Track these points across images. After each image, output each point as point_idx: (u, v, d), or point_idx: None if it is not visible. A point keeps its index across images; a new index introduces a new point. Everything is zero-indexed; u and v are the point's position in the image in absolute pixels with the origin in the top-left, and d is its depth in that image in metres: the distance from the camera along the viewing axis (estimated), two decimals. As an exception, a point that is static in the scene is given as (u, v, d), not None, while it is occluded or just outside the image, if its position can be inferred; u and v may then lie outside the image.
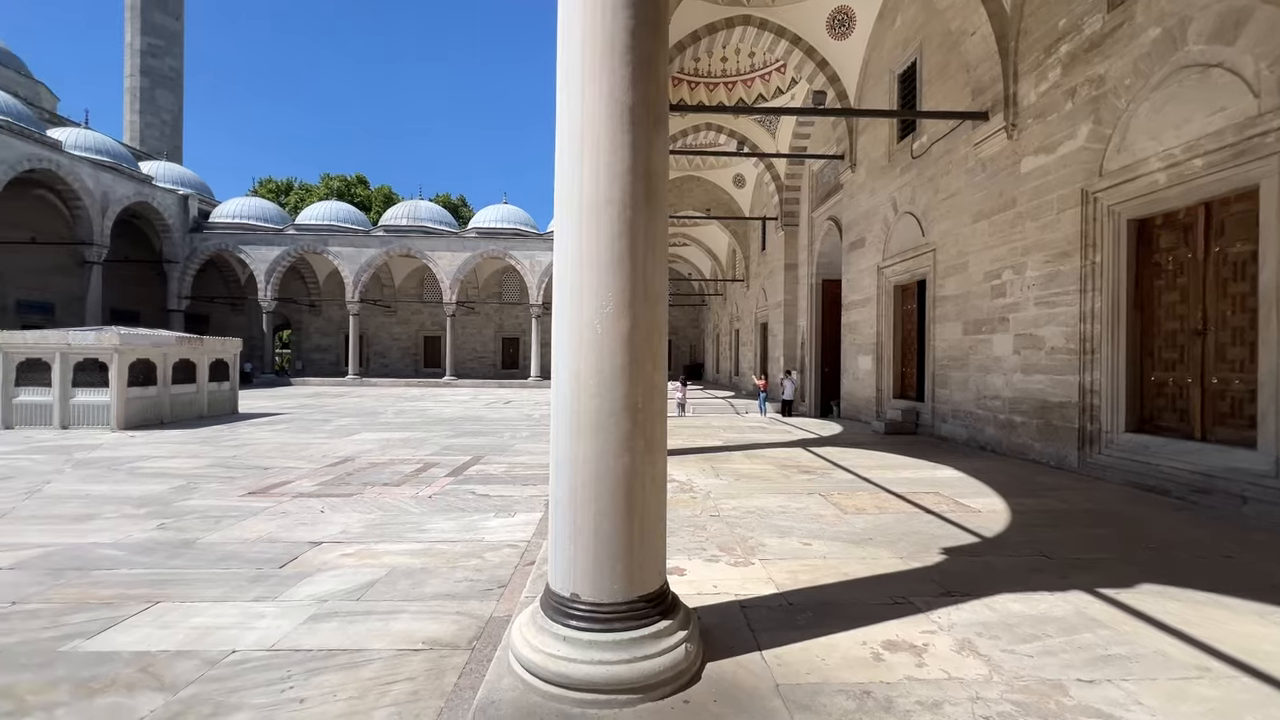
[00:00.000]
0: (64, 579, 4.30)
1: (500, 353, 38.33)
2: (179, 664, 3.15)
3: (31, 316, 26.18)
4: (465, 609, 3.87)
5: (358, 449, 10.32)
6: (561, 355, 2.45)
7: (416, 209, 35.45)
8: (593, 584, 2.36)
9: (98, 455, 9.52)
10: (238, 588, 4.18)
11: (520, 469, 8.63)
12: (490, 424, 14.34)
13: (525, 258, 31.97)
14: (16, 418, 12.70)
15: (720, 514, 5.29)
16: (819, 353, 16.76)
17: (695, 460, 8.07)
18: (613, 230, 2.36)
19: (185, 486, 7.31)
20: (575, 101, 2.40)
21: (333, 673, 3.09)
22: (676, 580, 3.64)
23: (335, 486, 7.37)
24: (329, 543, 5.18)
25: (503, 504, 6.59)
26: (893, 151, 12.41)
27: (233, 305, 35.60)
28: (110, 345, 12.77)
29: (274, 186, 50.49)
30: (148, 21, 44.87)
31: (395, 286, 37.29)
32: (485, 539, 5.33)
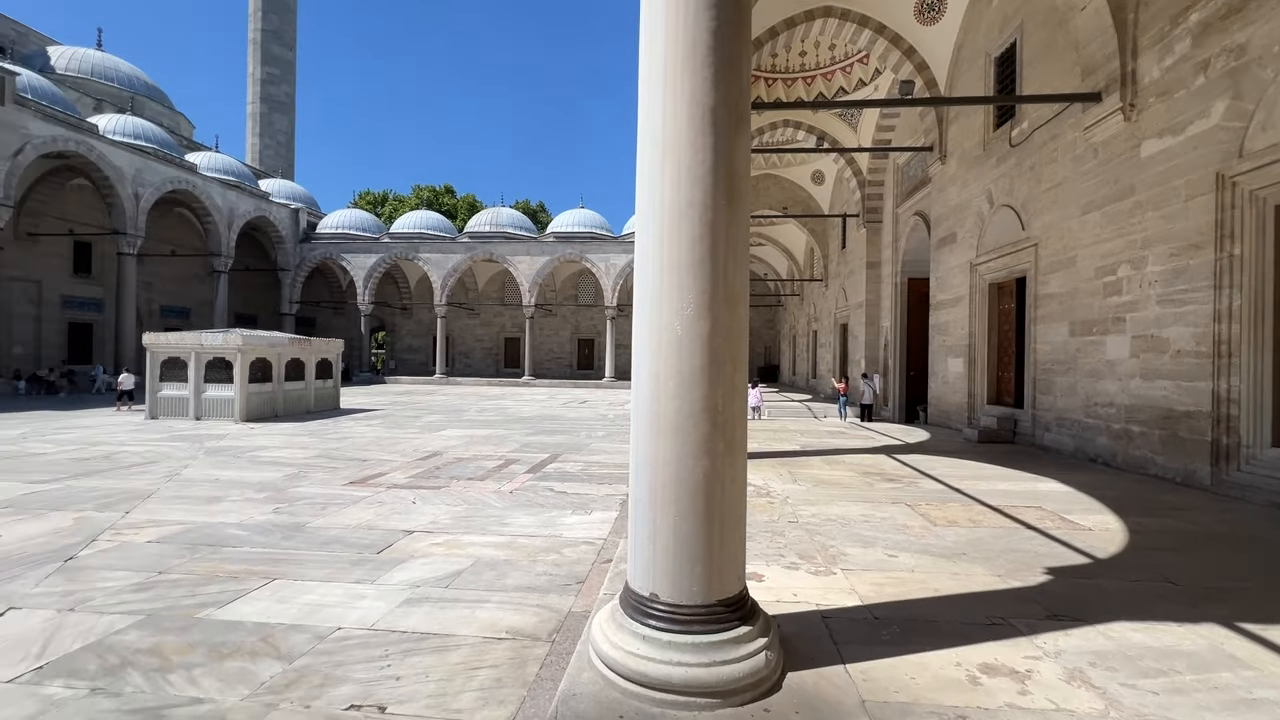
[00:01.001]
0: (199, 554, 4.83)
1: (576, 353, 39.24)
2: (293, 636, 3.46)
3: (171, 320, 29.68)
4: (545, 602, 3.99)
5: (444, 444, 10.90)
6: (641, 357, 2.47)
7: (498, 216, 36.99)
8: (671, 585, 2.36)
9: (224, 444, 10.62)
10: (341, 570, 4.53)
11: (596, 468, 8.80)
12: (567, 423, 14.71)
13: (601, 260, 32.56)
14: (160, 409, 14.41)
15: (799, 520, 5.15)
16: (904, 355, 15.94)
17: (771, 465, 7.90)
18: (694, 233, 2.36)
19: (296, 474, 8.01)
20: (656, 105, 2.43)
21: (424, 655, 3.28)
22: (754, 586, 3.58)
23: (425, 479, 7.82)
24: (420, 532, 5.50)
25: (579, 502, 6.74)
26: (988, 141, 11.61)
27: (335, 309, 38.65)
28: (235, 346, 14.22)
29: (371, 198, 54.35)
30: (267, 53, 49.63)
31: (478, 290, 39.08)
32: (563, 535, 5.47)
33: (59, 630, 3.45)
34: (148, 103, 34.21)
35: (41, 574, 4.32)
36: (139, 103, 33.40)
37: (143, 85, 34.94)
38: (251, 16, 49.93)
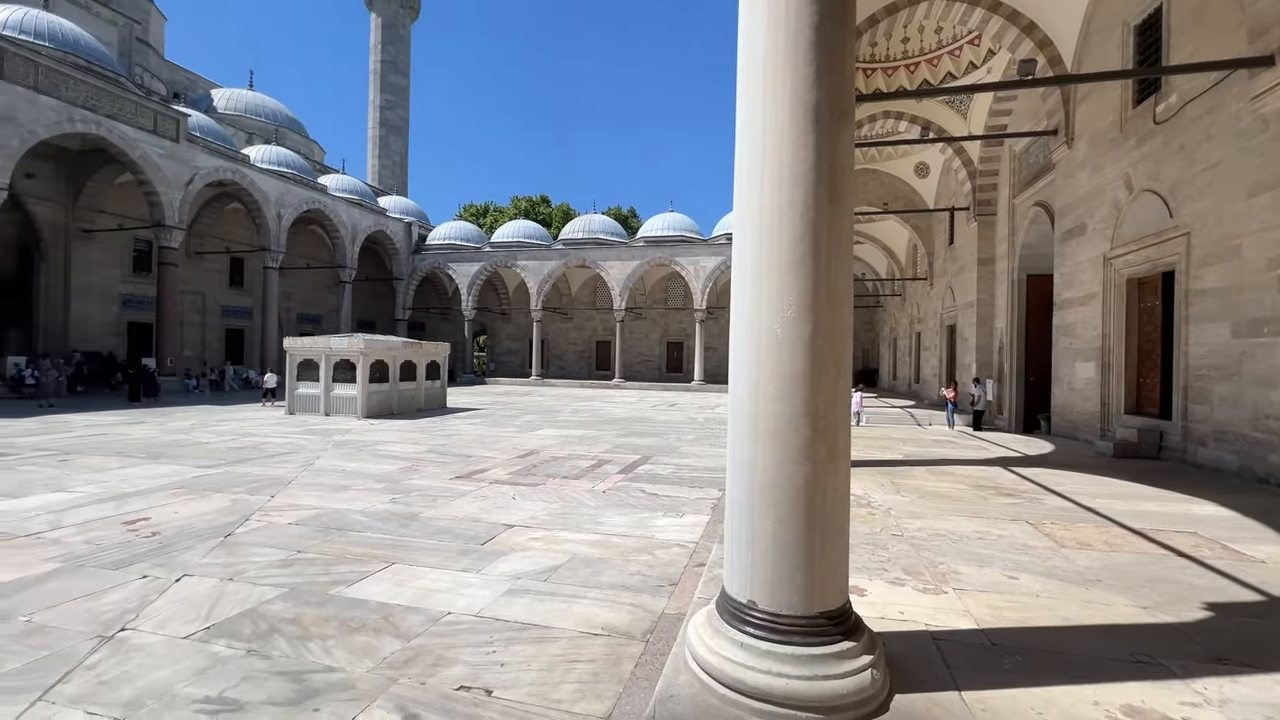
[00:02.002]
0: (330, 536, 5.36)
1: (665, 356, 39.46)
2: (410, 617, 3.74)
3: (306, 326, 33.23)
4: (639, 602, 4.04)
5: (541, 443, 11.35)
6: (739, 359, 2.45)
7: (591, 223, 38.06)
8: (770, 593, 2.31)
9: (349, 438, 11.70)
10: (450, 558, 4.85)
11: (687, 471, 8.79)
12: (657, 426, 14.82)
13: (690, 263, 32.55)
14: (297, 405, 16.16)
15: (904, 534, 4.86)
16: (1021, 359, 14.57)
17: (872, 474, 7.51)
18: (794, 233, 2.30)
19: (409, 468, 8.67)
20: (756, 103, 2.40)
21: (526, 644, 3.43)
22: (856, 601, 3.42)
23: (524, 476, 8.19)
24: (520, 526, 5.77)
25: (671, 504, 6.77)
26: (1126, 120, 10.37)
27: (442, 314, 41.48)
28: (358, 349, 15.66)
29: (474, 210, 57.83)
30: (385, 81, 54.34)
31: (572, 295, 40.40)
32: (655, 536, 5.52)
33: (221, 597, 3.96)
34: (288, 133, 38.56)
35: (207, 546, 4.98)
36: (281, 133, 37.72)
37: (284, 118, 39.43)
38: (373, 50, 54.89)
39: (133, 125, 21.20)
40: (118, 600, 3.87)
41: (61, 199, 23.34)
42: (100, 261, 24.68)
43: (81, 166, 23.32)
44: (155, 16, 35.43)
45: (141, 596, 3.93)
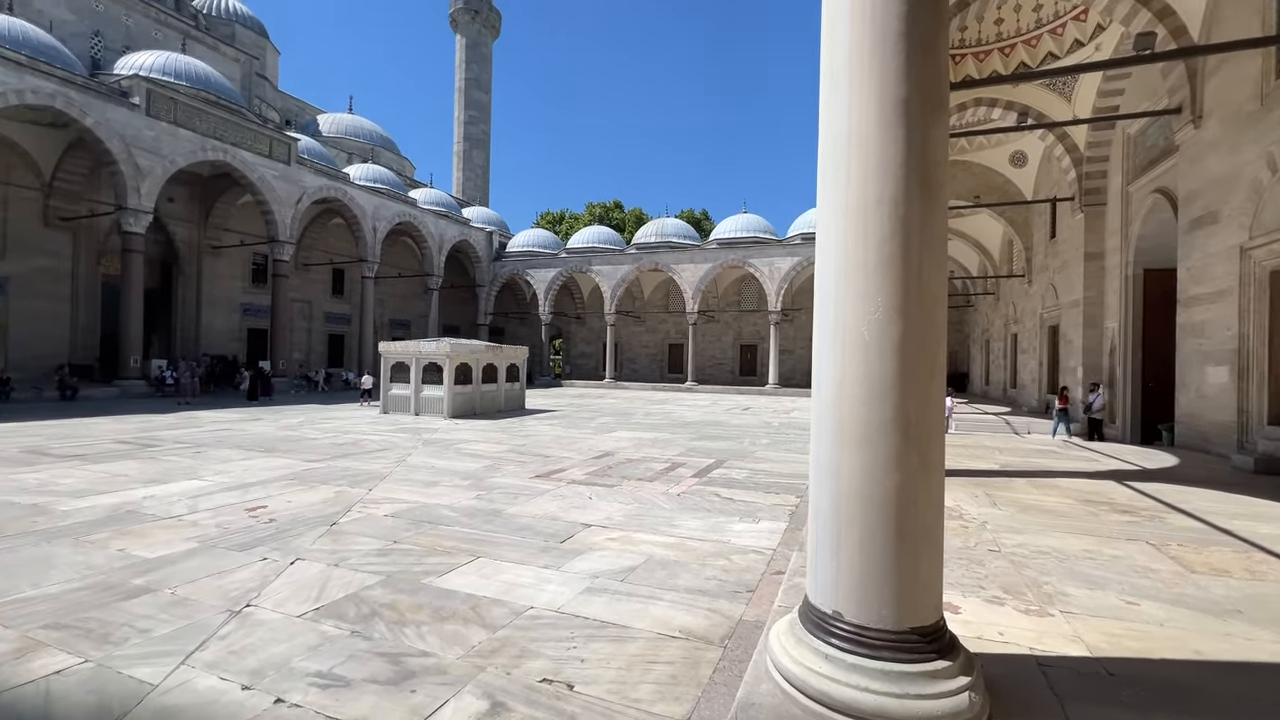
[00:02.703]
0: (421, 529, 5.69)
1: (738, 359, 38.93)
2: (495, 609, 3.91)
3: (397, 331, 35.51)
4: (716, 607, 4.01)
5: (615, 445, 11.51)
6: (824, 362, 2.39)
7: (663, 226, 38.26)
8: (857, 605, 2.23)
9: (436, 437, 12.38)
10: (531, 554, 5.02)
11: (762, 476, 8.64)
12: (730, 429, 14.65)
13: (764, 265, 31.97)
14: (390, 405, 17.29)
15: (1001, 550, 4.53)
16: (1137, 362, 13.20)
17: (964, 484, 7.06)
18: (882, 231, 2.22)
19: (492, 466, 9.06)
20: (841, 98, 2.33)
21: (604, 642, 3.50)
22: (950, 618, 3.22)
23: (599, 477, 8.34)
24: (597, 526, 5.88)
25: (746, 509, 6.67)
26: (1267, 92, 9.17)
27: (520, 319, 43.04)
28: (444, 353, 16.54)
29: (550, 217, 59.65)
30: (468, 98, 57.21)
31: (645, 298, 40.73)
32: (731, 542, 5.46)
33: (328, 581, 4.31)
34: (383, 152, 41.42)
35: (316, 534, 5.44)
36: (377, 152, 40.58)
37: (379, 137, 42.40)
38: (458, 69, 57.94)
39: (252, 151, 23.54)
40: (243, 579, 4.30)
41: (195, 220, 26.27)
42: (225, 274, 27.54)
43: (211, 190, 26.15)
44: (270, 51, 39.16)
45: (262, 577, 4.35)
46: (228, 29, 35.64)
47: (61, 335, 22.12)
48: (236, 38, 35.28)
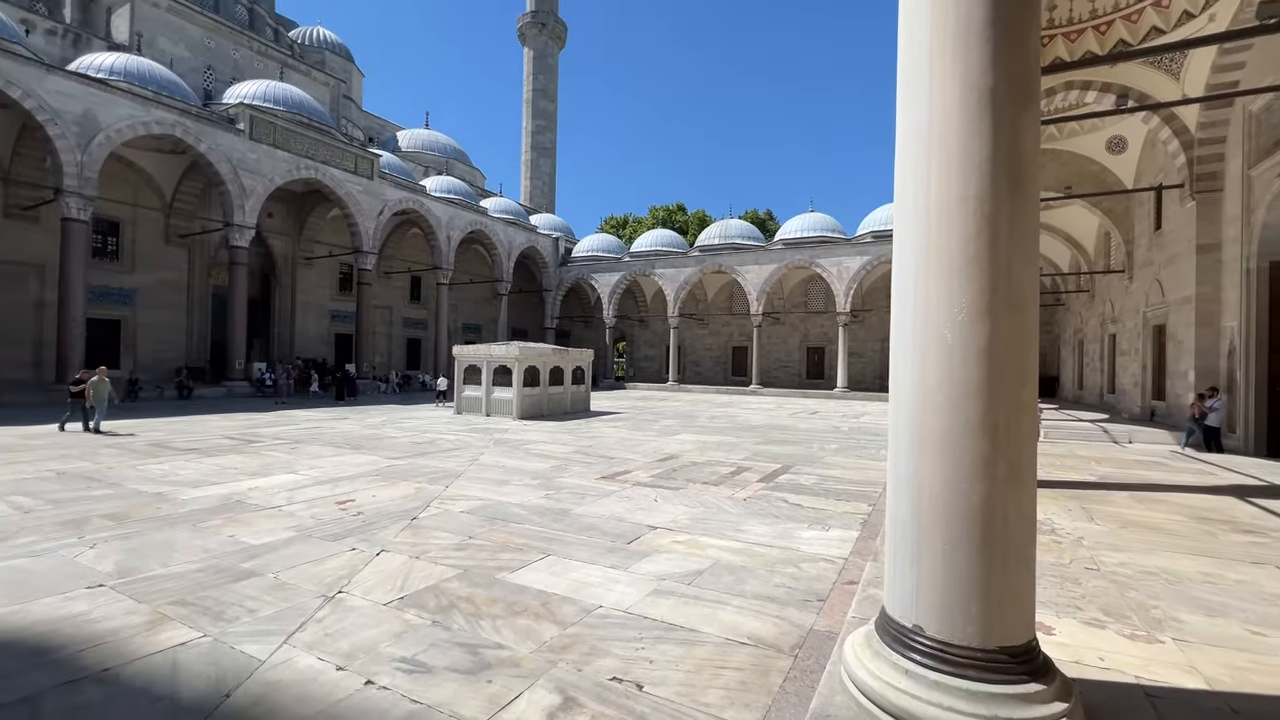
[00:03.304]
0: (494, 525, 5.91)
1: (804, 362, 37.93)
2: (565, 607, 4.01)
3: (469, 335, 37.03)
4: (785, 615, 3.94)
5: (679, 448, 11.50)
6: (903, 366, 2.30)
7: (727, 228, 37.90)
8: (939, 619, 2.14)
9: (506, 437, 12.81)
10: (599, 554, 5.11)
11: (831, 483, 8.38)
12: (797, 434, 14.30)
13: (832, 265, 31.02)
14: (463, 407, 18.04)
15: (1100, 568, 4.19)
16: (1262, 366, 11.82)
17: (1054, 496, 6.57)
18: (966, 230, 2.12)
19: (559, 466, 9.27)
20: (921, 90, 2.24)
21: (672, 644, 3.51)
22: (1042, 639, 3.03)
23: (664, 479, 8.36)
24: (662, 529, 5.90)
25: (815, 516, 6.50)
26: None
27: (585, 322, 43.81)
28: (513, 356, 17.10)
29: (614, 222, 60.40)
30: (535, 108, 58.95)
31: (708, 301, 40.46)
32: (800, 549, 5.33)
33: (411, 572, 4.56)
34: (456, 163, 43.36)
35: (398, 527, 5.76)
36: (450, 164, 42.53)
37: (453, 150, 44.41)
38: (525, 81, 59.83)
39: (340, 168, 25.26)
40: (335, 567, 4.62)
41: (290, 233, 28.46)
42: (316, 283, 29.66)
43: (304, 205, 28.25)
44: (355, 74, 41.92)
45: (352, 566, 4.65)
46: (318, 56, 38.46)
47: (179, 341, 24.54)
48: (326, 63, 38.00)
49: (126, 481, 7.50)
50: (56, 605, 3.80)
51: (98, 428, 12.10)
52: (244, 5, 34.66)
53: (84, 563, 4.58)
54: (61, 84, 17.59)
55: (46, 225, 19.71)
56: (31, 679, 2.96)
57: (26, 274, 20.26)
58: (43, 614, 3.68)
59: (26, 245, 20.15)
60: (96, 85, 18.63)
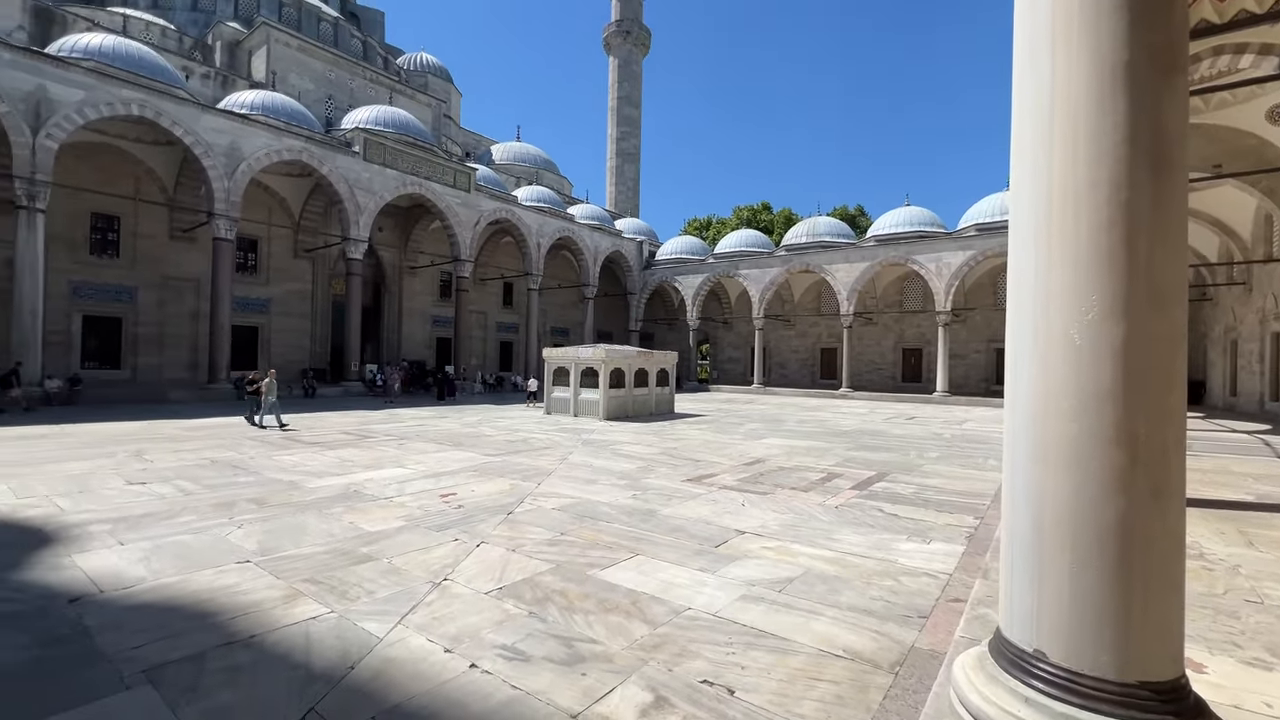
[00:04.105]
0: (584, 523, 6.08)
1: (899, 364, 35.87)
2: (654, 606, 4.05)
3: (557, 338, 38.32)
4: (884, 630, 3.76)
5: (766, 452, 11.27)
6: (1021, 369, 2.13)
7: (815, 226, 36.67)
8: (1065, 646, 1.96)
9: (593, 438, 13.12)
10: (686, 556, 5.11)
11: (932, 493, 7.88)
12: (893, 440, 13.57)
13: (930, 261, 29.15)
14: (552, 407, 18.69)
15: (1263, 600, 3.65)
16: None
17: (1203, 517, 5.81)
18: (1097, 219, 1.93)
19: (645, 468, 9.37)
20: (1042, 68, 2.07)
21: (763, 652, 3.45)
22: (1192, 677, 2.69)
23: (751, 484, 8.23)
24: (750, 533, 5.81)
25: (915, 528, 6.14)
26: None
27: (669, 324, 43.99)
28: (600, 358, 17.49)
29: (697, 224, 60.25)
30: (620, 115, 60.05)
31: (794, 301, 39.33)
32: (899, 562, 5.06)
33: (508, 564, 4.79)
34: (545, 173, 45.08)
35: (495, 521, 6.07)
36: (540, 174, 44.27)
37: (542, 161, 46.20)
38: (610, 89, 61.12)
39: (441, 183, 27.04)
40: (440, 556, 4.95)
41: (397, 245, 30.80)
42: (420, 291, 31.88)
43: (409, 219, 30.47)
44: (454, 94, 44.68)
45: (455, 556, 4.96)
46: (422, 79, 41.36)
47: (304, 345, 27.25)
48: (429, 86, 40.79)
49: (265, 471, 8.43)
50: (213, 577, 4.35)
51: (262, 422, 13.65)
52: (359, 38, 37.98)
53: (233, 541, 5.21)
54: (213, 121, 20.11)
55: (201, 245, 22.62)
56: (197, 639, 3.41)
57: (186, 288, 23.34)
58: (203, 584, 4.22)
59: (186, 262, 23.22)
60: (240, 120, 21.12)
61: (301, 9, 35.07)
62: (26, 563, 4.56)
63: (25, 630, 3.46)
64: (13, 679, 2.99)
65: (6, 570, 4.39)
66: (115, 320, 21.87)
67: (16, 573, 4.36)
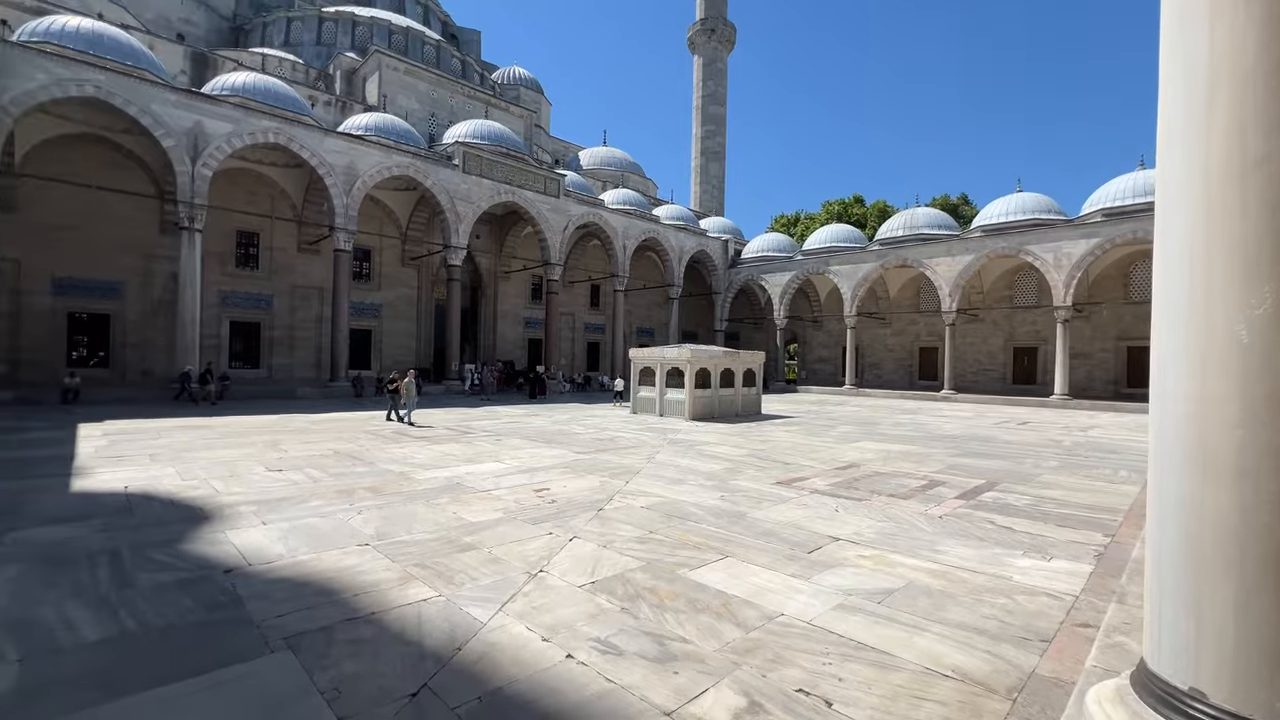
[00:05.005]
0: (671, 523, 6.10)
1: (1010, 365, 32.95)
2: (745, 610, 3.99)
3: (643, 339, 38.74)
4: (998, 651, 3.48)
5: (860, 456, 10.77)
6: (1171, 370, 1.90)
7: (913, 217, 34.55)
8: (1229, 686, 1.72)
9: (679, 438, 13.13)
10: (777, 560, 4.99)
11: (1051, 505, 7.19)
12: (1003, 446, 12.51)
13: (1047, 251, 26.54)
14: (638, 407, 18.92)
15: None
16: None
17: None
18: (1269, 198, 1.68)
19: (732, 469, 9.25)
20: (1198, 37, 1.83)
21: (862, 665, 3.30)
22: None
23: (845, 489, 7.90)
24: (845, 541, 5.58)
25: (1033, 543, 5.63)
26: None
27: (755, 324, 43.15)
28: (685, 358, 17.48)
29: (784, 220, 58.63)
30: (705, 114, 59.72)
31: (890, 298, 37.27)
32: (1014, 579, 4.66)
33: (600, 560, 4.90)
34: (630, 176, 45.69)
35: (586, 517, 6.23)
36: (625, 177, 44.94)
37: (628, 164, 46.88)
38: (695, 88, 60.93)
39: (532, 190, 28.18)
40: (536, 548, 5.15)
41: (492, 251, 32.44)
42: (512, 294, 33.40)
43: (503, 226, 32.00)
44: (544, 105, 46.41)
45: (550, 549, 5.15)
46: (514, 92, 43.31)
47: (411, 346, 29.38)
48: (520, 98, 42.65)
49: (379, 462, 9.18)
50: (338, 557, 4.79)
51: (409, 419, 14.54)
52: (458, 58, 40.42)
53: (354, 525, 5.71)
54: (334, 143, 22.15)
55: (324, 256, 25.02)
56: (325, 613, 3.77)
57: (311, 295, 25.89)
58: (330, 563, 4.66)
59: (311, 272, 25.78)
60: (355, 140, 23.12)
61: (408, 35, 37.84)
62: (191, 537, 5.25)
63: (192, 595, 3.99)
64: (185, 634, 3.46)
65: (177, 543, 5.07)
66: (255, 325, 24.68)
67: (184, 545, 5.03)
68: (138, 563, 4.55)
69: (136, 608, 3.78)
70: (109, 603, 3.84)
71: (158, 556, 4.71)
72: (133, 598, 3.92)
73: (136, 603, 3.85)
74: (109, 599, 3.90)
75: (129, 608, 3.78)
